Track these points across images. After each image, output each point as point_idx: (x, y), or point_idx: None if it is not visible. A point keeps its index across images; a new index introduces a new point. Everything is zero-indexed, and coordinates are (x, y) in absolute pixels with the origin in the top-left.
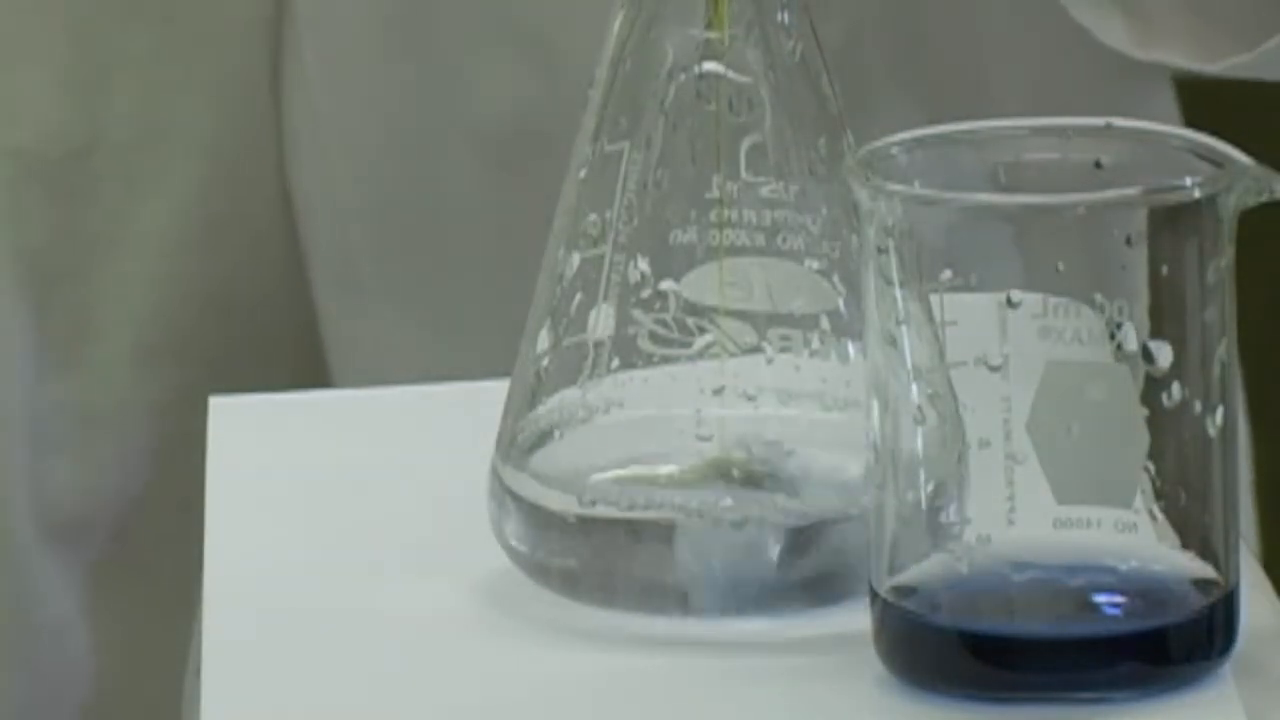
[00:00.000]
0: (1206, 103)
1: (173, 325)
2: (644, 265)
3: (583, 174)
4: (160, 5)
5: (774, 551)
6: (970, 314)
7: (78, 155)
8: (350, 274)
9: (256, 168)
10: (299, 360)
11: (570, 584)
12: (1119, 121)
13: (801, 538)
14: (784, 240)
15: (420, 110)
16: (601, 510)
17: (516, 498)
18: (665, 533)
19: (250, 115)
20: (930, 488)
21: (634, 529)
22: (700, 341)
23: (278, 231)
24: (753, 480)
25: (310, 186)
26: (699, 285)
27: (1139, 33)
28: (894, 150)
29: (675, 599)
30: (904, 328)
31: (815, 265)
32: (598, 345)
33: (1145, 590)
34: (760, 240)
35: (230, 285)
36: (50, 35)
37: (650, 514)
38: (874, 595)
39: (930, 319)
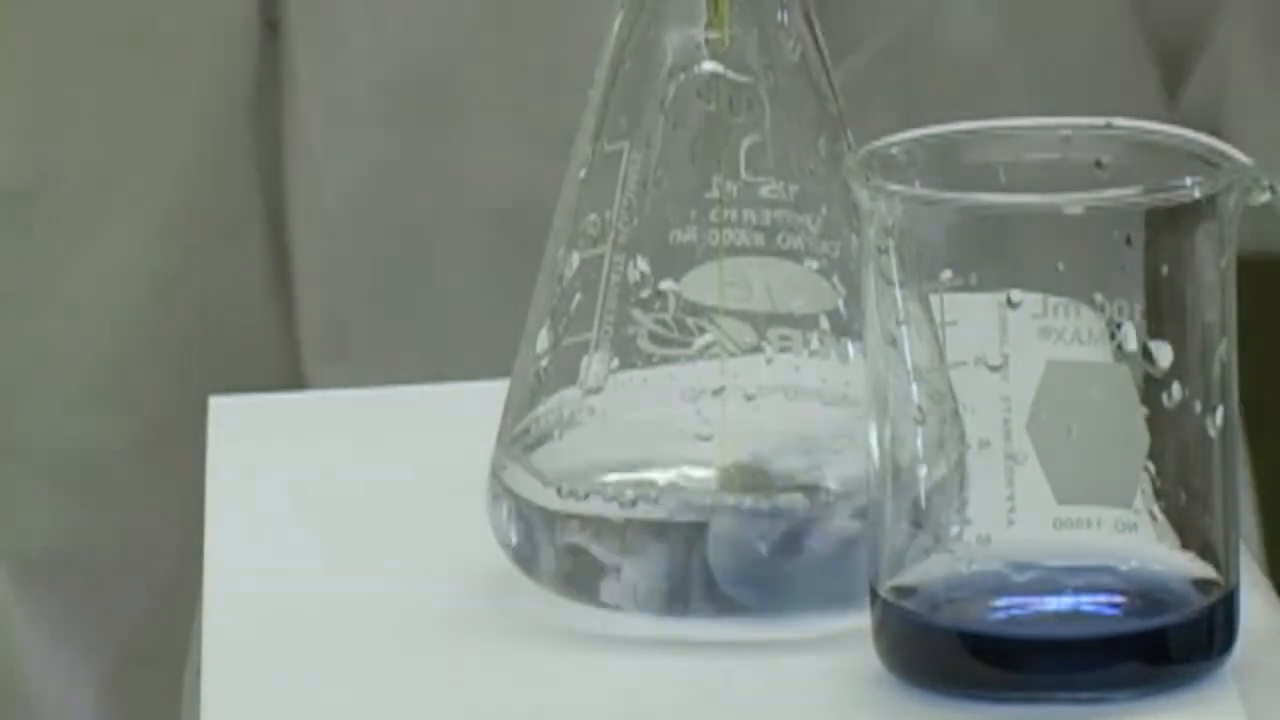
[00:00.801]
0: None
1: (124, 370)
2: (644, 265)
3: (583, 174)
4: (118, 57)
5: (774, 551)
6: (970, 314)
7: (23, 197)
8: (341, 341)
9: (220, 220)
10: None
11: (569, 583)
12: (1119, 121)
13: (801, 537)
14: (784, 240)
15: (420, 184)
16: (601, 510)
17: (516, 497)
18: (665, 532)
19: (215, 170)
20: (930, 488)
21: (633, 529)
22: (700, 341)
23: (244, 286)
24: (752, 480)
25: (309, 249)
26: (699, 285)
27: None
28: (894, 150)
29: (675, 598)
30: (904, 328)
31: (815, 265)
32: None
33: (1145, 590)
34: (760, 240)
35: (200, 333)
36: (2, 80)
37: (650, 514)
38: (874, 595)
39: (930, 319)
